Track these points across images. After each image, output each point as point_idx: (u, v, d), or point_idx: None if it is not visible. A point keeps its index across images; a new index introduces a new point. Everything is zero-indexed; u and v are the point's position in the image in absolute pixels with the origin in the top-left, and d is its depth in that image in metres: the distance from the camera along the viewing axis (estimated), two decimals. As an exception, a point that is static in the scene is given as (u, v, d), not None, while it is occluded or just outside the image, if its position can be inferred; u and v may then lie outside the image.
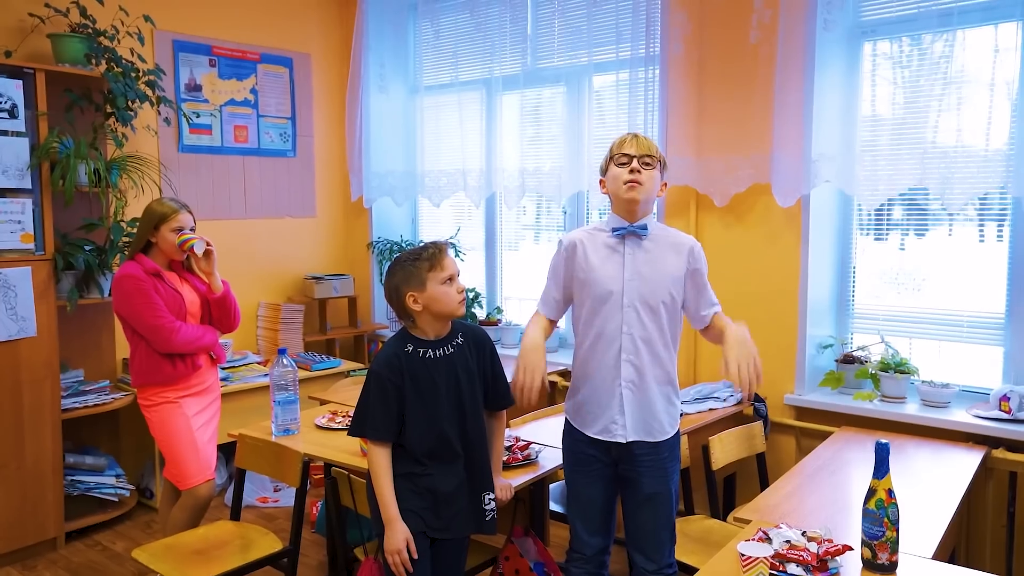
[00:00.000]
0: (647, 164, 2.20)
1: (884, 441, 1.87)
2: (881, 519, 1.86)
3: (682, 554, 2.56)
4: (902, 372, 3.28)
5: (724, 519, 2.89)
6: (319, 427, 2.91)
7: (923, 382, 3.24)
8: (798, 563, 1.84)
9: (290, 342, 4.62)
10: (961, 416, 3.07)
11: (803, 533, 1.97)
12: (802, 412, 3.42)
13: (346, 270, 5.12)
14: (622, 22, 3.81)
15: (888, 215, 3.44)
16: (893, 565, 1.87)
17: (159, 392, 2.89)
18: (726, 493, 3.28)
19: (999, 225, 3.20)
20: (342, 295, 4.85)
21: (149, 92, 3.85)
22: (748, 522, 2.17)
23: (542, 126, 4.32)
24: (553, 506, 2.95)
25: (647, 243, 2.26)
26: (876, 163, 3.19)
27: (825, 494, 2.44)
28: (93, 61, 3.73)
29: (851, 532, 2.08)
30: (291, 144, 4.89)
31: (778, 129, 3.31)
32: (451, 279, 2.12)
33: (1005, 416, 3.00)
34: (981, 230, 3.34)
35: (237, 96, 4.63)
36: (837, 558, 1.87)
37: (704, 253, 2.33)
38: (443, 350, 2.17)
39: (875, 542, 1.87)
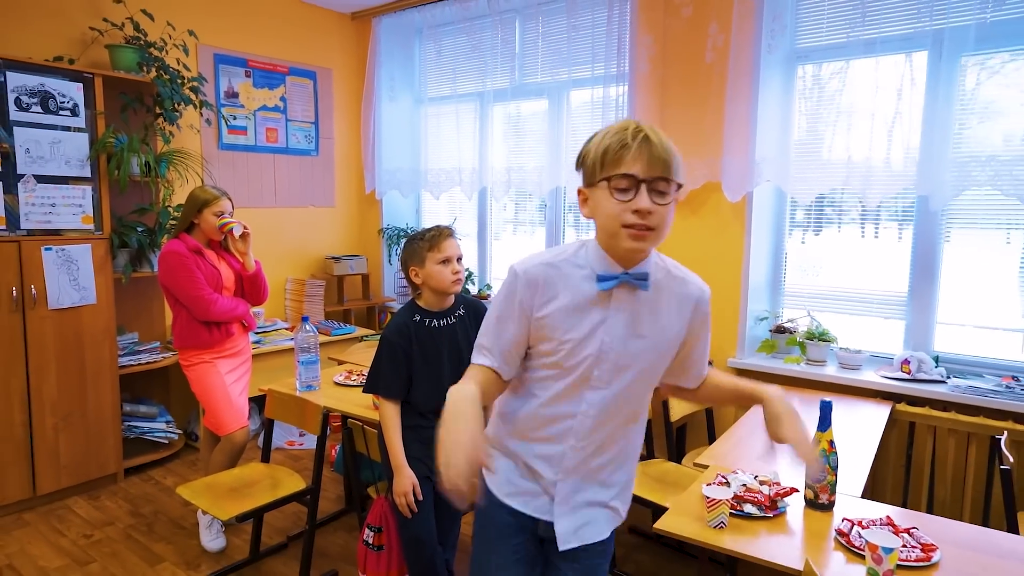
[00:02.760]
0: (662, 192, 1.20)
1: (827, 400, 1.78)
2: (823, 466, 1.76)
3: (646, 492, 2.47)
4: (824, 340, 3.20)
5: (680, 462, 2.81)
6: (337, 384, 2.77)
7: (840, 348, 3.16)
8: (753, 503, 1.74)
9: (313, 312, 4.45)
10: (871, 376, 3.01)
11: (756, 477, 1.88)
12: (742, 373, 3.33)
13: (360, 251, 4.96)
14: (597, 44, 3.65)
15: (816, 212, 3.34)
16: (831, 504, 1.79)
17: (197, 354, 2.74)
18: (679, 440, 3.20)
19: (901, 224, 3.12)
20: (357, 272, 4.69)
21: (193, 96, 3.63)
22: (707, 467, 2.07)
23: (526, 132, 4.16)
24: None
25: (644, 294, 1.32)
26: (807, 167, 3.08)
27: (766, 443, 2.34)
28: (144, 69, 3.51)
29: (793, 475, 1.99)
30: (315, 144, 4.69)
31: (728, 136, 3.18)
32: (447, 261, 1.99)
33: (906, 376, 2.95)
34: (877, 227, 3.25)
35: (268, 103, 4.42)
36: (786, 499, 1.78)
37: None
38: (446, 320, 2.04)
39: (818, 485, 1.78)
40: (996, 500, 2.71)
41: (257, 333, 4.05)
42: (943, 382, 2.89)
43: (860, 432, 2.47)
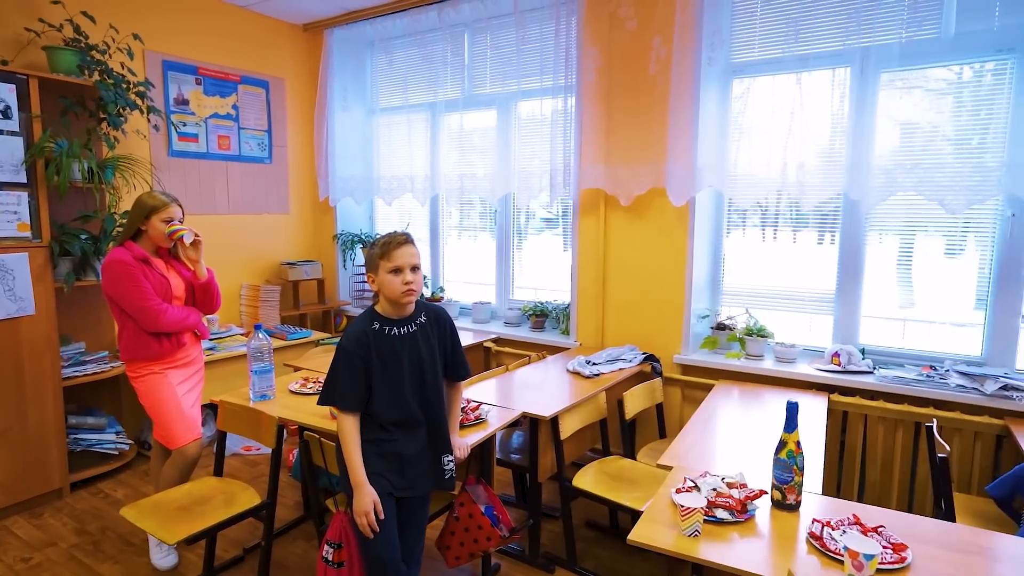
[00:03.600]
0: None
1: (794, 401, 1.64)
2: (791, 467, 1.63)
3: (604, 489, 2.30)
4: (762, 336, 3.11)
5: (634, 457, 2.65)
6: (292, 392, 2.47)
7: (776, 343, 3.08)
8: (724, 508, 1.58)
9: (268, 316, 4.11)
10: (805, 369, 2.94)
11: (723, 479, 1.73)
12: (686, 368, 3.22)
13: (315, 257, 4.63)
14: (545, 56, 3.47)
15: (749, 216, 3.25)
16: (798, 504, 1.65)
17: (146, 365, 2.40)
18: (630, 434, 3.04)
19: (824, 228, 3.06)
20: (312, 278, 4.36)
21: (139, 101, 3.26)
22: (670, 468, 1.91)
23: (477, 141, 3.95)
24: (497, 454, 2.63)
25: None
26: (747, 173, 2.98)
27: (720, 441, 2.21)
28: (86, 72, 3.12)
29: (752, 472, 1.85)
30: (268, 152, 4.34)
31: (672, 143, 3.05)
32: (398, 270, 1.74)
33: (837, 368, 2.88)
34: (802, 230, 3.20)
35: (220, 111, 4.05)
36: (755, 501, 1.63)
37: None
38: (407, 328, 1.80)
39: (785, 486, 1.64)
40: (920, 483, 2.67)
41: (212, 340, 3.69)
42: (871, 372, 2.84)
43: (804, 425, 2.37)
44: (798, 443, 1.63)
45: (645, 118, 3.17)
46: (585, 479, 2.38)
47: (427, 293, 4.27)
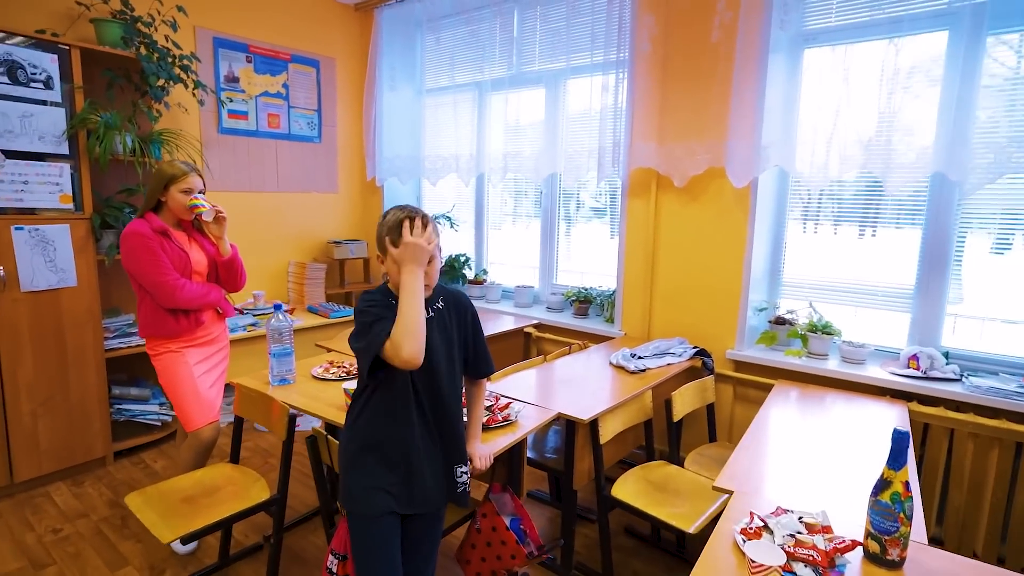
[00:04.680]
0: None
1: (903, 429, 1.15)
2: (896, 514, 1.15)
3: (646, 503, 1.87)
4: (827, 333, 2.58)
5: (681, 463, 2.20)
6: (315, 378, 2.12)
7: (844, 342, 2.55)
8: (806, 562, 1.13)
9: (314, 294, 3.82)
10: (876, 372, 2.40)
11: (801, 519, 1.27)
12: (740, 365, 2.72)
13: (361, 236, 4.30)
14: (596, 27, 2.97)
15: (816, 204, 2.71)
16: (902, 561, 1.17)
17: (164, 343, 2.11)
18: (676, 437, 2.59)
19: (904, 219, 2.48)
20: (357, 256, 4.04)
21: (183, 75, 2.97)
22: (730, 493, 1.46)
23: (524, 120, 3.50)
24: (529, 452, 2.23)
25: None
26: (815, 152, 2.44)
27: (785, 459, 1.73)
28: (131, 45, 2.84)
29: (827, 503, 1.38)
30: (317, 132, 4.02)
31: (734, 118, 2.53)
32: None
33: (916, 374, 2.34)
34: (877, 222, 2.62)
35: (271, 89, 3.75)
36: (845, 555, 1.16)
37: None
38: (425, 313, 1.40)
39: (886, 538, 1.16)
40: (1019, 511, 2.12)
41: (255, 315, 3.43)
42: (958, 380, 2.29)
43: (884, 442, 1.86)
44: (906, 484, 1.15)
45: (704, 91, 2.65)
46: (625, 488, 1.95)
47: (470, 275, 3.89)
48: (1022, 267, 2.30)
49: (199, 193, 2.13)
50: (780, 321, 2.72)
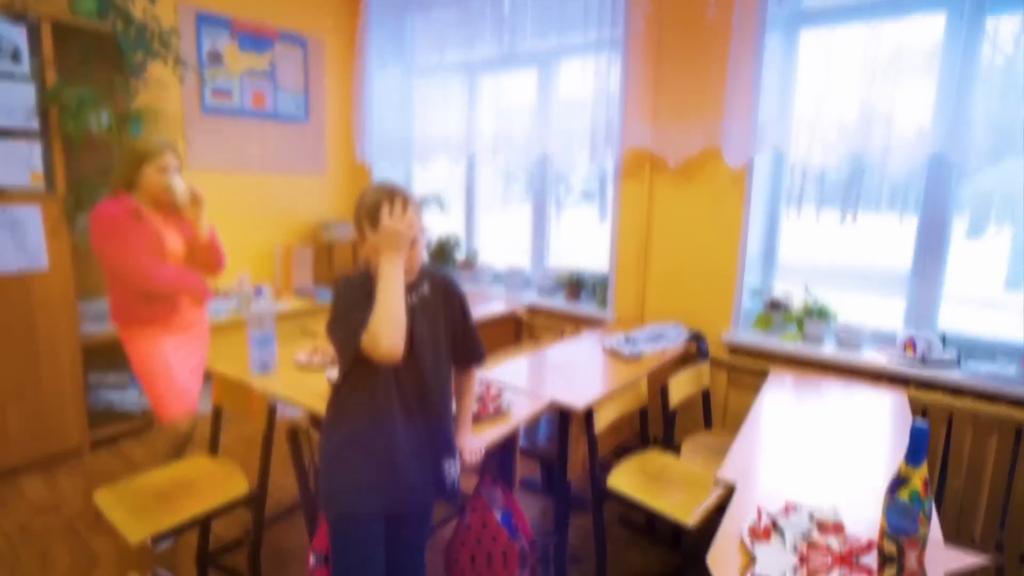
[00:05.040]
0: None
1: (922, 425, 1.03)
2: (916, 513, 1.02)
3: (641, 492, 1.75)
4: (822, 317, 2.47)
5: (676, 450, 2.08)
6: (299, 364, 1.94)
7: (840, 325, 2.44)
8: (822, 570, 1.01)
9: (301, 277, 3.66)
10: (873, 357, 2.29)
11: (811, 515, 1.15)
12: (735, 349, 2.60)
13: (350, 219, 4.11)
14: (589, 4, 2.81)
15: (811, 183, 2.58)
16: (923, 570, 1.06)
17: (136, 329, 1.94)
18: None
19: (899, 204, 2.36)
20: (346, 240, 3.87)
21: (162, 50, 2.76)
22: (733, 486, 1.34)
23: (514, 100, 3.34)
24: (522, 442, 2.09)
25: None
26: (813, 132, 2.30)
27: (789, 449, 1.61)
28: (107, 18, 2.63)
29: (843, 501, 1.26)
30: (304, 112, 3.83)
31: (731, 97, 2.38)
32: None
33: (913, 358, 2.23)
34: (875, 206, 2.51)
35: (256, 67, 3.54)
36: (863, 558, 1.05)
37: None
38: (408, 299, 1.26)
39: (905, 538, 1.04)
40: (1019, 497, 2.03)
41: (239, 298, 3.25)
42: (956, 364, 2.19)
43: (897, 432, 1.75)
44: (926, 482, 1.03)
45: (699, 70, 2.50)
46: (621, 478, 1.83)
47: (460, 258, 3.74)
48: (1011, 251, 2.19)
49: (173, 170, 1.95)
50: (775, 305, 2.61)
